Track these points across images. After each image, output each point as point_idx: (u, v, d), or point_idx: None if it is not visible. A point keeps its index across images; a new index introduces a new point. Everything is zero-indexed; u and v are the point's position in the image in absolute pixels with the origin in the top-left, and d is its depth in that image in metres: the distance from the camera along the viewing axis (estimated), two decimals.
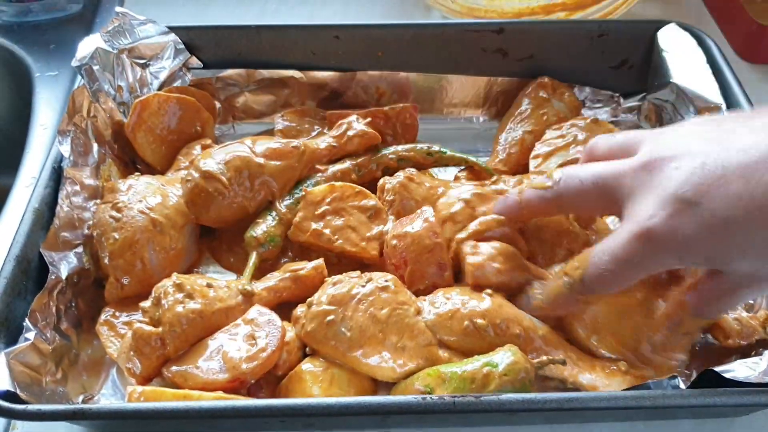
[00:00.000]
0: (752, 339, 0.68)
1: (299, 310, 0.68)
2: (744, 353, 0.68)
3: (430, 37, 0.90)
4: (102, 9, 1.12)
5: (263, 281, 0.72)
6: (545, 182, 0.64)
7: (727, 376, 0.58)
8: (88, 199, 0.76)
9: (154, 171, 0.84)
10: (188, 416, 0.56)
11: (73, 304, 0.71)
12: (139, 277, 0.72)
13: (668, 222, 0.53)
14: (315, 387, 0.63)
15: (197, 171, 0.75)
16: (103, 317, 0.71)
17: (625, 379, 0.63)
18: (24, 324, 0.64)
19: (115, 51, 0.84)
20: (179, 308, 0.64)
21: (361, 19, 1.06)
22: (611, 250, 0.57)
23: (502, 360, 0.61)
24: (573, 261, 0.62)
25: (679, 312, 0.63)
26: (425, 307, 0.67)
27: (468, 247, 0.69)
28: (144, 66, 0.87)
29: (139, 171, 0.83)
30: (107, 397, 0.68)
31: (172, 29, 0.89)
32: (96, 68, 0.82)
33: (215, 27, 0.90)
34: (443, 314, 0.65)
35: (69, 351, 0.68)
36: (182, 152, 0.85)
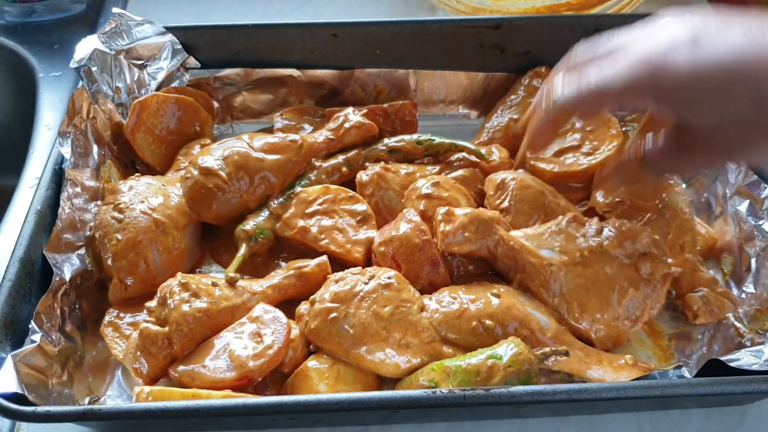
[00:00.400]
0: (722, 315, 0.70)
1: (303, 308, 0.68)
2: (741, 345, 0.68)
3: (428, 34, 0.90)
4: (105, 9, 1.12)
5: (267, 279, 0.72)
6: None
7: (732, 365, 0.59)
8: (89, 201, 0.75)
9: (154, 171, 0.84)
10: (198, 415, 0.56)
11: (77, 306, 0.71)
12: (143, 278, 0.71)
13: (667, 54, 0.57)
14: (321, 384, 0.63)
15: (196, 168, 0.74)
16: (108, 319, 0.70)
17: (632, 372, 0.64)
18: (29, 326, 0.63)
19: (113, 52, 0.84)
20: (185, 307, 0.64)
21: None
22: (600, 71, 0.60)
23: (506, 352, 0.61)
24: None
25: (634, 156, 0.66)
26: (431, 306, 0.67)
27: (441, 215, 0.70)
28: (142, 67, 0.87)
29: (139, 172, 0.83)
30: (113, 399, 0.68)
31: (170, 29, 0.88)
32: (94, 69, 0.82)
33: (212, 27, 0.90)
34: (450, 313, 0.66)
35: (74, 353, 0.68)
36: (181, 152, 0.84)
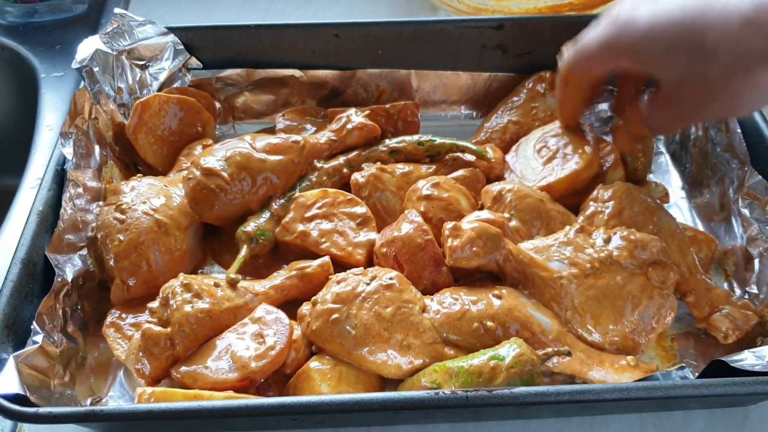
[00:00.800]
0: (749, 326, 0.69)
1: (304, 309, 0.68)
2: (750, 344, 0.68)
3: (430, 35, 0.90)
4: (107, 10, 1.13)
5: (269, 280, 0.72)
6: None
7: (736, 366, 0.59)
8: (91, 201, 0.75)
9: (156, 172, 0.84)
10: (201, 416, 0.56)
11: (79, 307, 0.71)
12: (145, 279, 0.71)
13: (635, 8, 0.63)
14: (323, 385, 0.63)
15: (198, 168, 0.74)
16: (110, 319, 0.70)
17: (634, 374, 0.64)
18: (31, 327, 0.63)
19: (115, 53, 0.84)
20: (188, 308, 0.64)
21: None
22: (587, 33, 0.69)
23: (508, 353, 0.61)
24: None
25: (636, 121, 0.73)
26: (433, 307, 0.67)
27: (448, 230, 0.69)
28: (143, 67, 0.87)
29: (141, 173, 0.83)
30: (115, 399, 0.68)
31: (171, 30, 0.88)
32: (96, 70, 0.81)
33: (214, 27, 0.90)
34: (452, 314, 0.66)
35: (76, 354, 0.68)
36: (183, 153, 0.84)
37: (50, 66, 1.03)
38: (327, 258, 0.72)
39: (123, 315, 0.71)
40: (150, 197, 0.74)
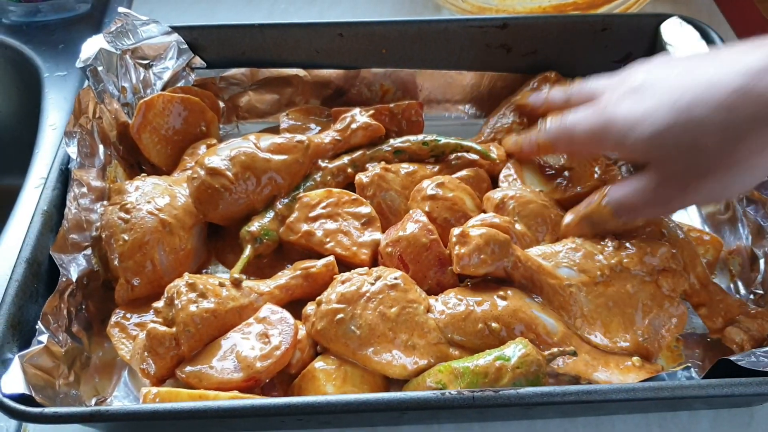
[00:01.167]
0: (763, 336, 0.68)
1: (309, 309, 0.68)
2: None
3: (434, 34, 0.90)
4: (110, 9, 1.12)
5: (274, 279, 0.72)
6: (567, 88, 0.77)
7: (741, 365, 0.59)
8: (96, 201, 0.75)
9: (160, 172, 0.84)
10: (206, 416, 0.56)
11: (83, 307, 0.70)
12: (150, 278, 0.71)
13: (620, 102, 0.64)
14: (328, 385, 0.63)
15: (202, 168, 0.74)
16: (114, 319, 0.70)
17: (640, 374, 0.64)
18: (36, 327, 0.63)
19: (119, 52, 0.84)
20: (193, 308, 0.64)
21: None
22: (575, 115, 0.70)
23: (514, 353, 0.61)
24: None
25: (599, 203, 0.70)
26: (438, 307, 0.66)
27: (455, 236, 0.69)
28: (147, 66, 0.87)
29: (145, 172, 0.83)
30: (120, 399, 0.68)
31: (175, 29, 0.88)
32: (100, 69, 0.81)
33: (218, 26, 0.90)
34: (457, 315, 0.65)
35: (81, 354, 0.68)
36: (187, 152, 0.84)
37: (54, 65, 1.02)
38: (332, 258, 0.72)
39: (127, 315, 0.71)
40: (154, 197, 0.74)
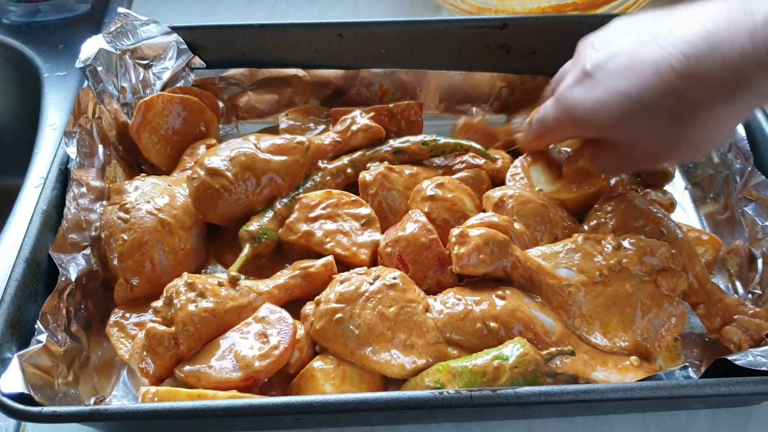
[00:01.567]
0: (762, 334, 0.68)
1: (308, 308, 0.68)
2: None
3: (434, 34, 0.90)
4: (110, 9, 1.13)
5: (273, 279, 0.72)
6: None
7: (739, 364, 0.59)
8: (95, 201, 0.75)
9: (159, 172, 0.84)
10: (205, 415, 0.56)
11: (83, 307, 0.70)
12: (149, 278, 0.71)
13: (574, 88, 0.67)
14: (327, 384, 0.63)
15: (202, 168, 0.74)
16: (113, 319, 0.70)
17: (638, 374, 0.64)
18: (35, 326, 0.63)
19: (118, 52, 0.84)
20: (192, 307, 0.64)
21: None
22: (543, 107, 0.73)
23: (512, 352, 0.61)
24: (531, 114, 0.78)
25: (586, 157, 0.74)
26: (436, 307, 0.67)
27: (455, 237, 0.69)
28: (147, 67, 0.87)
29: (144, 172, 0.83)
30: (119, 399, 0.68)
31: (175, 29, 0.88)
32: (100, 69, 0.82)
33: (218, 27, 0.90)
34: (455, 315, 0.65)
35: (80, 353, 0.68)
36: (187, 152, 0.84)
37: (53, 65, 1.03)
38: (331, 257, 0.72)
39: (126, 314, 0.71)
40: (154, 197, 0.74)
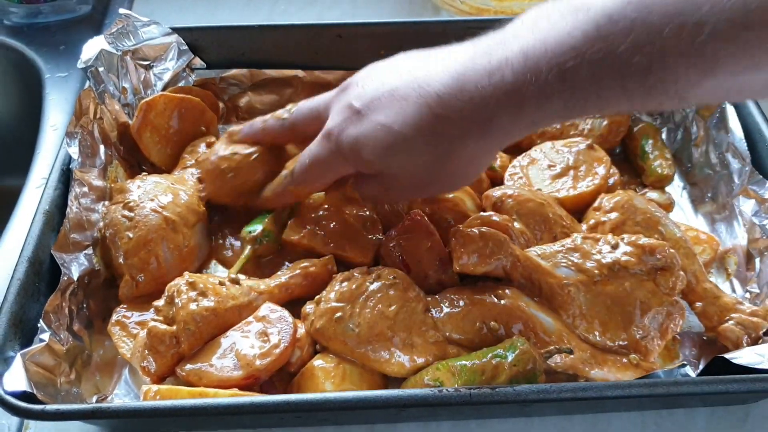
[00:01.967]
0: (759, 334, 0.68)
1: (308, 307, 0.68)
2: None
3: (433, 35, 0.89)
4: (111, 10, 1.13)
5: (273, 278, 0.72)
6: (283, 114, 0.74)
7: (736, 362, 0.59)
8: (97, 201, 0.76)
9: (160, 171, 0.84)
10: (207, 413, 0.56)
11: (85, 306, 0.71)
12: (154, 275, 0.72)
13: (341, 124, 0.64)
14: (327, 383, 0.63)
15: (213, 155, 0.77)
16: (115, 317, 0.71)
17: (636, 372, 0.64)
18: (38, 325, 0.64)
19: (119, 53, 0.85)
20: (193, 306, 0.65)
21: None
22: (309, 149, 0.68)
23: (511, 351, 0.61)
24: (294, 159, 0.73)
25: (347, 181, 0.72)
26: (436, 306, 0.67)
27: (455, 236, 0.69)
28: (148, 67, 0.88)
29: (145, 172, 0.83)
30: (120, 397, 0.68)
31: (176, 30, 0.89)
32: (101, 70, 0.82)
33: (218, 27, 0.91)
34: (455, 314, 0.66)
35: (82, 352, 0.68)
36: (187, 150, 0.85)
37: (55, 66, 1.03)
38: (331, 257, 0.73)
39: (128, 313, 0.71)
40: (157, 195, 0.75)
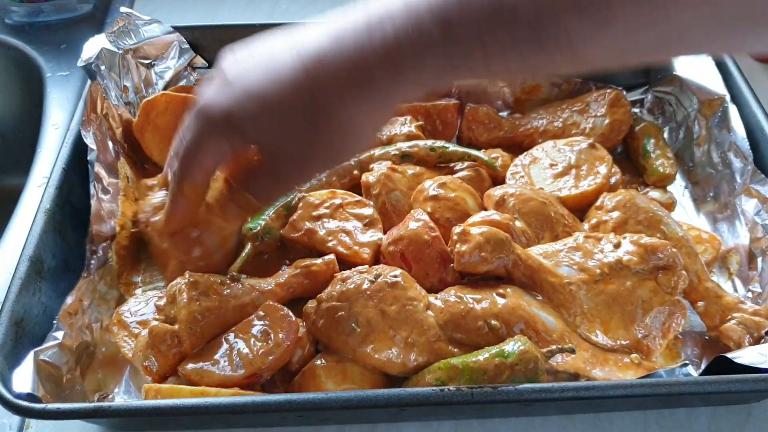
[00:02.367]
0: (761, 332, 0.68)
1: (310, 306, 0.68)
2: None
3: None
4: (112, 9, 1.13)
5: (275, 277, 0.72)
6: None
7: (739, 362, 0.59)
8: (111, 194, 0.76)
9: (162, 170, 0.84)
10: (208, 412, 0.56)
11: (94, 301, 0.71)
12: (200, 257, 0.72)
13: (212, 97, 0.59)
14: (328, 382, 0.63)
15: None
16: (116, 317, 0.71)
17: (638, 372, 0.64)
18: (39, 324, 0.64)
19: (120, 51, 0.85)
20: (195, 305, 0.65)
21: None
22: (180, 134, 0.62)
23: (513, 350, 0.61)
24: None
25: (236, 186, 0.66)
26: (437, 305, 0.67)
27: (456, 234, 0.69)
28: (149, 66, 0.88)
29: (148, 170, 0.84)
30: (121, 395, 0.68)
31: (177, 29, 0.89)
32: (102, 69, 0.82)
33: (220, 26, 0.90)
34: (456, 313, 0.66)
35: (87, 348, 0.68)
36: None
37: (56, 65, 1.03)
38: (332, 256, 0.73)
39: (129, 313, 0.71)
40: None
